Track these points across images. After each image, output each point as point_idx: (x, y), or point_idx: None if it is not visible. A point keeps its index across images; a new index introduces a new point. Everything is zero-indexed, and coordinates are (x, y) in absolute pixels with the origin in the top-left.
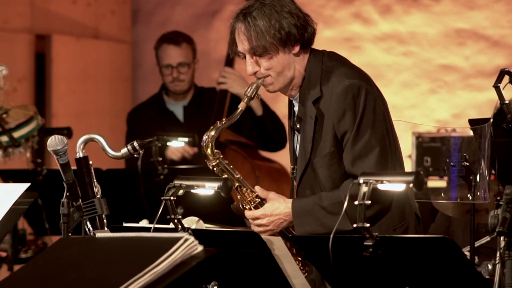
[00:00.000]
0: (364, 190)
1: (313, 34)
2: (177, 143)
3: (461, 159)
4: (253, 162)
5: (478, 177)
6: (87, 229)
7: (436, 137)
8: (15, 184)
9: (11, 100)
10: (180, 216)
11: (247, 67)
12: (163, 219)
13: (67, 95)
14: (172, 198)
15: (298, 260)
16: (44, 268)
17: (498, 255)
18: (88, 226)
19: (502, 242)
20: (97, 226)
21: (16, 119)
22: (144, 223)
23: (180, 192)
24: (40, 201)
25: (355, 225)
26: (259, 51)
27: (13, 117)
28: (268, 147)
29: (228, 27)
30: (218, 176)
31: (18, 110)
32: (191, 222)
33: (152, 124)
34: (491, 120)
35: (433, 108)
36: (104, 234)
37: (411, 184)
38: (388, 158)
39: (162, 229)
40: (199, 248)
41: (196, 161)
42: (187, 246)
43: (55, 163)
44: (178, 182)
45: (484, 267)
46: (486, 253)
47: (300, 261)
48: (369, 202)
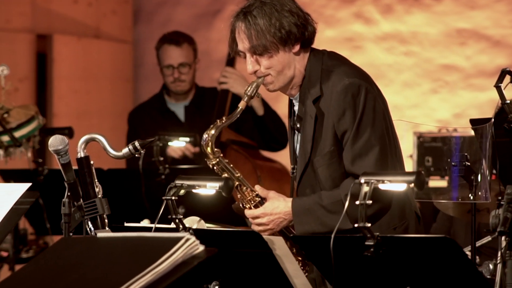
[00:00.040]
0: (366, 190)
1: (313, 33)
2: (178, 143)
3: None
4: (254, 162)
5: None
6: (88, 229)
7: (437, 137)
8: (16, 184)
9: (12, 100)
10: (181, 216)
11: (247, 66)
12: (164, 219)
13: (68, 95)
14: (173, 198)
15: (299, 260)
16: (45, 268)
17: (499, 255)
18: (89, 226)
19: (503, 242)
20: (98, 226)
21: (17, 119)
22: (145, 223)
23: (181, 192)
24: (41, 201)
25: (356, 224)
26: (260, 50)
27: (14, 116)
28: (269, 147)
29: (228, 26)
30: (219, 175)
31: (19, 110)
32: (192, 222)
33: (153, 124)
34: (492, 120)
35: (434, 108)
36: (105, 234)
37: (413, 184)
38: (388, 157)
39: (163, 229)
40: (200, 248)
41: (197, 161)
42: (188, 246)
43: (56, 163)
44: (179, 182)
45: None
46: (488, 253)
47: (300, 260)
48: (370, 201)
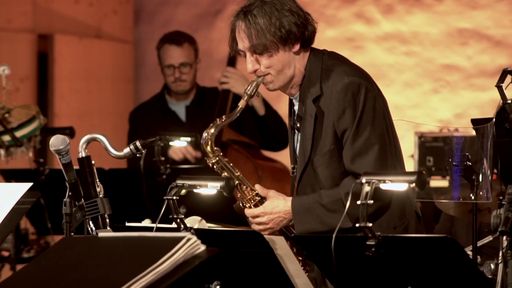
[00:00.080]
0: (367, 189)
1: (313, 33)
2: (179, 142)
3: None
4: (255, 162)
5: (480, 176)
6: (89, 228)
7: (439, 136)
8: (18, 184)
9: (13, 99)
10: (183, 216)
11: (247, 65)
12: (166, 219)
13: (70, 95)
14: (174, 197)
15: (299, 260)
16: (46, 267)
17: (501, 255)
18: (90, 226)
19: (505, 242)
20: (99, 226)
21: (18, 119)
22: (146, 222)
23: (183, 191)
24: (43, 200)
25: (357, 224)
26: (260, 49)
27: (15, 116)
28: (270, 147)
29: (228, 25)
30: (219, 174)
31: (20, 109)
32: (193, 222)
33: (154, 123)
34: (494, 119)
35: (435, 107)
36: (106, 234)
37: (414, 184)
38: (388, 156)
39: (164, 228)
40: (201, 247)
41: (198, 160)
42: (190, 246)
43: (57, 163)
44: (180, 181)
45: (487, 266)
46: (489, 252)
47: (300, 260)
48: (371, 201)
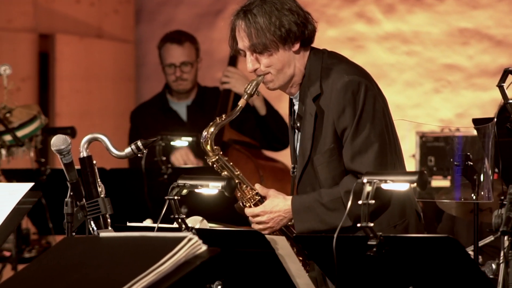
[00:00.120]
0: (368, 189)
1: (313, 32)
2: (180, 142)
3: (464, 158)
4: (256, 162)
5: (481, 176)
6: (91, 228)
7: (440, 136)
8: (19, 184)
9: (14, 99)
10: (184, 216)
11: (247, 65)
12: (167, 219)
13: (71, 95)
14: (176, 197)
15: (299, 260)
16: (48, 267)
17: (502, 255)
18: (92, 226)
19: (506, 242)
20: (101, 226)
21: (19, 119)
22: (148, 222)
23: (184, 191)
24: (44, 200)
25: (359, 224)
26: (259, 48)
27: (16, 116)
28: (271, 147)
29: (228, 24)
30: (219, 173)
31: (21, 109)
32: (195, 222)
33: (155, 123)
34: (495, 119)
35: (436, 107)
36: (108, 234)
37: (415, 184)
38: (387, 155)
39: (166, 228)
40: (203, 247)
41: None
42: (191, 246)
43: (58, 163)
44: (181, 181)
45: (488, 266)
46: (490, 252)
47: (301, 260)
48: (373, 201)
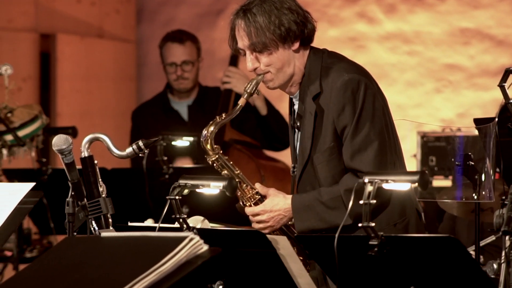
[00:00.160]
0: (369, 189)
1: (312, 31)
2: (182, 142)
3: (466, 158)
4: (257, 162)
5: (483, 176)
6: (92, 228)
7: (441, 136)
8: (20, 184)
9: (15, 99)
10: (185, 216)
11: (247, 64)
12: (168, 219)
13: (72, 94)
14: (177, 197)
15: (300, 259)
16: (49, 267)
17: (503, 254)
18: (93, 226)
19: (508, 242)
20: (102, 226)
21: (20, 118)
22: (149, 222)
23: (185, 191)
24: (45, 200)
25: (360, 224)
26: (259, 47)
27: (17, 116)
28: (272, 147)
29: (228, 23)
30: (219, 172)
31: (22, 109)
32: (196, 222)
33: (157, 122)
34: (496, 119)
35: (438, 107)
36: (109, 234)
37: (416, 184)
38: (387, 153)
39: (167, 228)
40: (204, 247)
41: (201, 160)
42: (192, 246)
43: (60, 163)
44: (183, 181)
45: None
46: (492, 252)
47: (301, 260)
48: (374, 201)
